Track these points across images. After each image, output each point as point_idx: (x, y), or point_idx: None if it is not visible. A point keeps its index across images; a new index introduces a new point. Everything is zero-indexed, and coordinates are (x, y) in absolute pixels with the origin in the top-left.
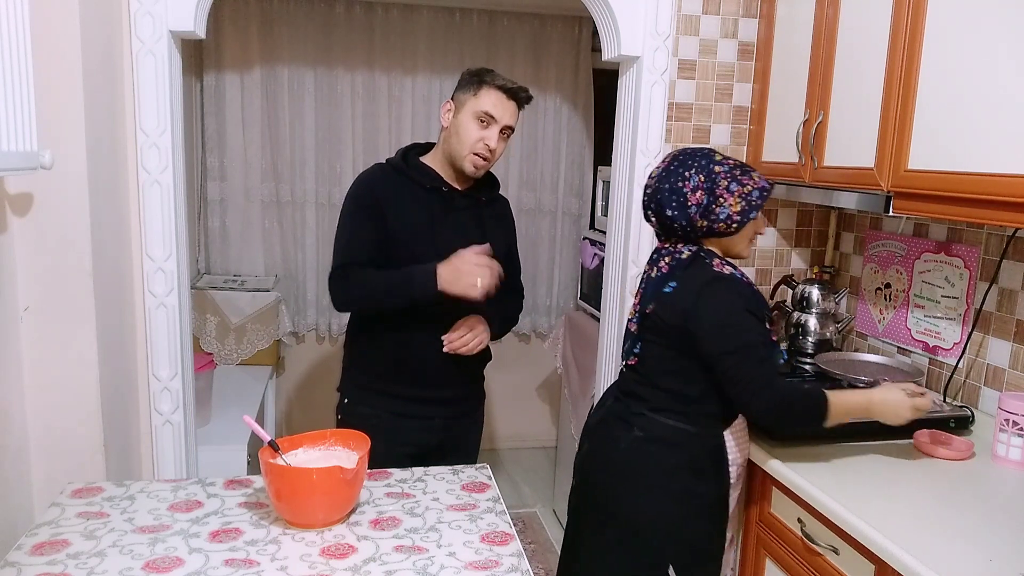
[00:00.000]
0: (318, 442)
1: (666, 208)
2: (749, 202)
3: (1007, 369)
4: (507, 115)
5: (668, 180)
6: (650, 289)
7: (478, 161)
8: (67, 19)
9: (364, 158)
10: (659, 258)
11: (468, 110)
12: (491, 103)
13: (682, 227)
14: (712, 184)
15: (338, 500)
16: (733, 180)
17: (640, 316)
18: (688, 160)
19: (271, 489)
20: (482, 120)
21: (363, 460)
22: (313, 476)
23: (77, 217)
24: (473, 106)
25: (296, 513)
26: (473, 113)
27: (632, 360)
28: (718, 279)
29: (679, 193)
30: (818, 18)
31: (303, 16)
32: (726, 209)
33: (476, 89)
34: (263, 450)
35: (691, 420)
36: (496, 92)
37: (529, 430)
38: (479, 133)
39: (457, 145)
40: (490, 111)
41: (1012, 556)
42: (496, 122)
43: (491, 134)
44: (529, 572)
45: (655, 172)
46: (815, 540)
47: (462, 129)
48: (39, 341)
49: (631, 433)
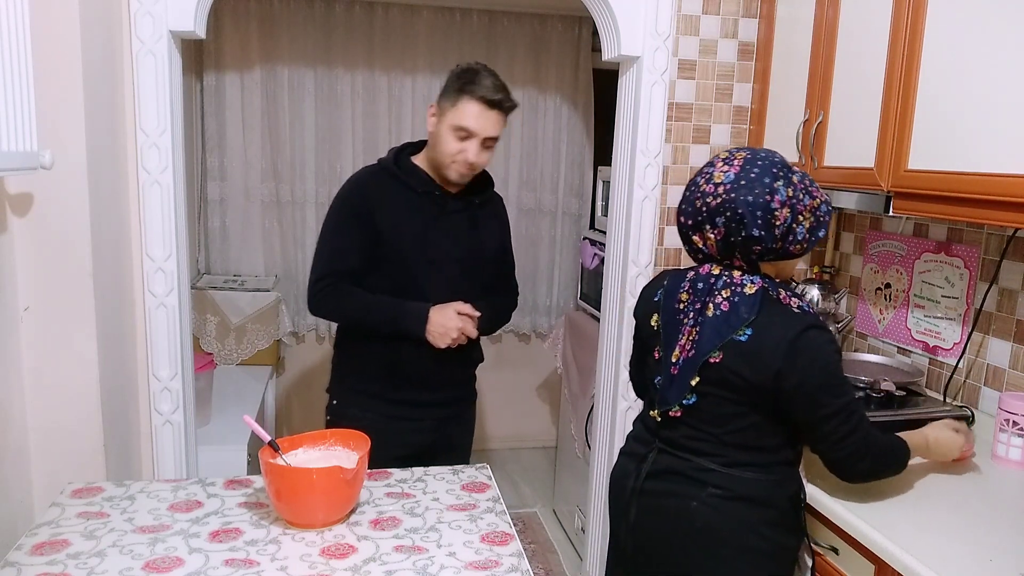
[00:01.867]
0: (318, 442)
1: (751, 227)
2: (818, 218)
3: (1007, 369)
4: (488, 127)
5: (749, 191)
6: (710, 332)
7: (461, 171)
8: (67, 19)
9: (364, 158)
10: (712, 289)
11: (447, 122)
12: (470, 116)
13: (764, 249)
14: (796, 199)
15: (338, 500)
16: (807, 193)
17: (693, 363)
18: (771, 168)
19: (271, 489)
20: (461, 134)
21: (363, 460)
22: (313, 476)
23: (77, 217)
24: (452, 119)
25: (296, 513)
26: (451, 126)
27: (677, 411)
28: (808, 329)
29: (766, 209)
30: (818, 18)
31: (303, 16)
32: (803, 228)
33: (455, 99)
34: (263, 450)
35: (770, 471)
36: (475, 105)
37: (529, 430)
38: (458, 146)
39: (439, 155)
40: (468, 126)
41: (1012, 556)
42: (475, 135)
43: (470, 147)
44: (529, 572)
45: (720, 178)
46: (815, 540)
47: (442, 141)
48: (39, 341)
49: (704, 491)
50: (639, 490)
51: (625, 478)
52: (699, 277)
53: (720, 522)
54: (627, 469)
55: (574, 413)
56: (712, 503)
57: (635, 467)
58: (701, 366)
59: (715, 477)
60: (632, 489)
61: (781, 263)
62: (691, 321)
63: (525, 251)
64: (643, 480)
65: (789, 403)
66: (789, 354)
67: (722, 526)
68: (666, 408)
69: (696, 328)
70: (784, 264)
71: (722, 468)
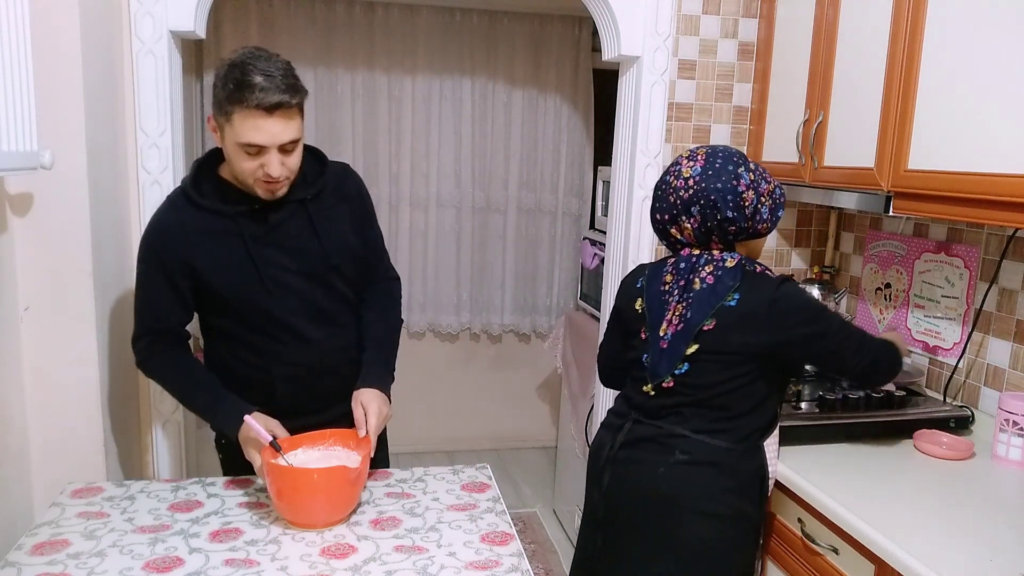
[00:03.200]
0: (318, 442)
1: (725, 210)
2: (775, 200)
3: (1007, 369)
4: (278, 133)
5: (717, 179)
6: (701, 302)
7: (271, 188)
8: (67, 19)
9: (364, 158)
10: (695, 267)
11: (229, 140)
12: (251, 131)
13: (739, 229)
14: (756, 182)
15: (341, 500)
16: (763, 178)
17: (685, 334)
18: (732, 157)
19: (272, 489)
20: (250, 150)
21: (365, 460)
22: (314, 476)
23: (77, 217)
24: (232, 136)
25: (297, 513)
26: (235, 144)
27: (669, 382)
28: (783, 282)
29: (734, 193)
30: (818, 18)
31: (303, 16)
32: (766, 208)
33: (228, 112)
34: (264, 450)
35: (735, 438)
36: (252, 116)
37: (529, 430)
38: (252, 164)
39: (238, 175)
40: (254, 141)
41: (1012, 556)
42: (267, 148)
43: (268, 161)
44: (529, 572)
45: (688, 172)
46: (815, 540)
47: (233, 160)
48: (39, 341)
49: (672, 457)
50: (612, 458)
51: (601, 448)
52: (680, 259)
53: (683, 486)
54: (603, 440)
55: (574, 413)
56: (678, 469)
57: (611, 438)
58: (696, 334)
59: (684, 443)
60: (607, 458)
61: (751, 243)
62: (676, 298)
63: (525, 251)
64: (617, 449)
65: (791, 347)
66: (774, 304)
67: (685, 490)
68: (658, 380)
69: (683, 304)
70: (754, 243)
71: (692, 434)
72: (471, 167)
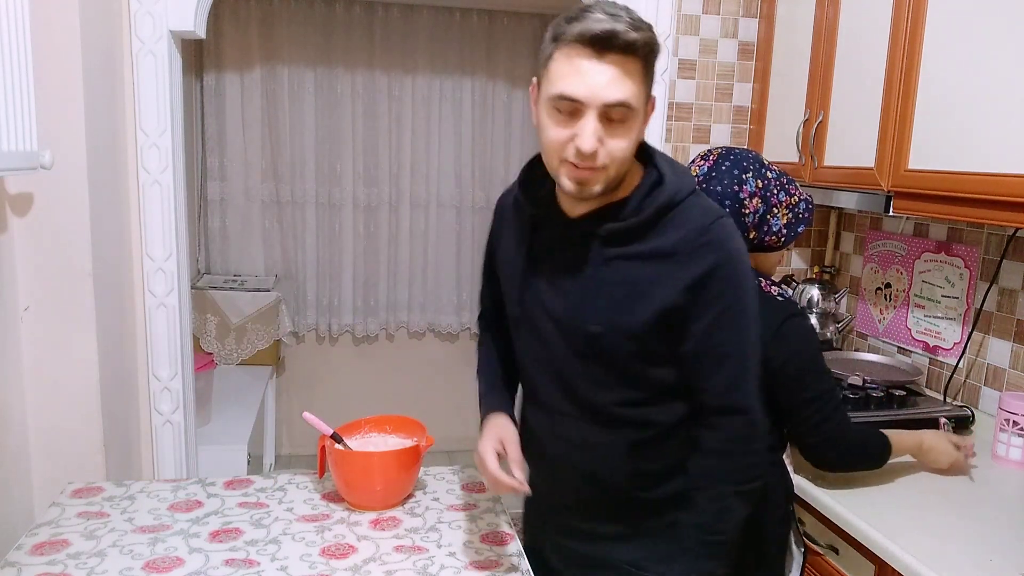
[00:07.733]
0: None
1: None
2: (796, 214)
3: (1007, 369)
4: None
5: (719, 182)
6: None
7: (575, 173)
8: (67, 19)
9: (364, 158)
10: None
11: (544, 95)
12: (567, 75)
13: None
14: (767, 191)
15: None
16: (782, 189)
17: None
18: (742, 161)
19: (335, 473)
20: (561, 105)
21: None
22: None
23: (77, 217)
24: (547, 88)
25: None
26: (548, 99)
27: None
28: (790, 317)
29: (734, 199)
30: (818, 18)
31: (303, 16)
32: (778, 220)
33: (547, 62)
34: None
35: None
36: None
37: None
38: (561, 133)
39: (544, 156)
40: (566, 92)
41: (1012, 556)
42: (585, 105)
43: (583, 128)
44: (529, 572)
45: (696, 172)
46: (815, 540)
47: (540, 126)
48: (39, 341)
49: None
50: None
51: None
52: None
53: None
54: None
55: None
56: None
57: None
58: None
59: None
60: None
61: (760, 256)
62: None
63: None
64: None
65: (773, 384)
66: (774, 340)
67: None
68: None
69: None
70: (763, 257)
71: None
72: (471, 167)
